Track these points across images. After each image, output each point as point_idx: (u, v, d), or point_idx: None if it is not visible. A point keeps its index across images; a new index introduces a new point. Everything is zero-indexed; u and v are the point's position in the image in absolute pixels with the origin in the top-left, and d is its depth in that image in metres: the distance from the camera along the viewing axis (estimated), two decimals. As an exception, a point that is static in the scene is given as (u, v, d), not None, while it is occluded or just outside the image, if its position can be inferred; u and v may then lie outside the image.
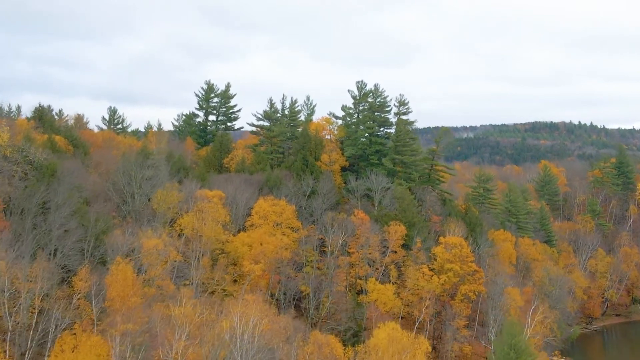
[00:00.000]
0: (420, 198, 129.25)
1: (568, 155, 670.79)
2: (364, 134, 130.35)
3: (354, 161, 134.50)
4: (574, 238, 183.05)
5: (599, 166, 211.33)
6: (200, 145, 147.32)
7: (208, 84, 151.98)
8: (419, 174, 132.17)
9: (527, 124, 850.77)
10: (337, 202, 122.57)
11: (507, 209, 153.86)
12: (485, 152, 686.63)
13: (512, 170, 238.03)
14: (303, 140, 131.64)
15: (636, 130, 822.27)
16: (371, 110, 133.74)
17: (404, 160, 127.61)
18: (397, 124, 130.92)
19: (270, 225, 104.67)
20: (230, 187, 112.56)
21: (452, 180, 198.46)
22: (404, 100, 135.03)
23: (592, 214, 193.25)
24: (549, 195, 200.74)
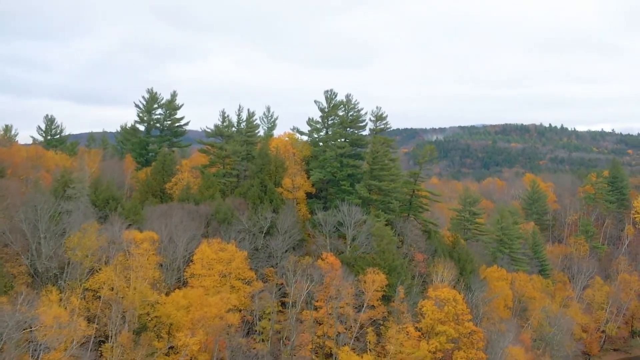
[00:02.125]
0: (401, 232, 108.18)
1: (540, 158, 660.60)
2: (333, 154, 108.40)
3: (322, 186, 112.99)
4: (567, 264, 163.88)
5: (591, 181, 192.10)
6: (140, 166, 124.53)
7: (150, 93, 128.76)
8: (399, 203, 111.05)
9: (497, 126, 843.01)
10: (302, 239, 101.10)
11: (499, 238, 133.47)
12: (455, 155, 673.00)
13: (495, 184, 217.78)
14: (261, 161, 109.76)
15: (606, 133, 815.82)
16: (342, 126, 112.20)
17: (381, 187, 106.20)
18: (373, 142, 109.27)
19: (216, 277, 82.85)
20: (170, 222, 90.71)
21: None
22: (381, 114, 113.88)
23: (585, 235, 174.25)
24: (537, 213, 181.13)
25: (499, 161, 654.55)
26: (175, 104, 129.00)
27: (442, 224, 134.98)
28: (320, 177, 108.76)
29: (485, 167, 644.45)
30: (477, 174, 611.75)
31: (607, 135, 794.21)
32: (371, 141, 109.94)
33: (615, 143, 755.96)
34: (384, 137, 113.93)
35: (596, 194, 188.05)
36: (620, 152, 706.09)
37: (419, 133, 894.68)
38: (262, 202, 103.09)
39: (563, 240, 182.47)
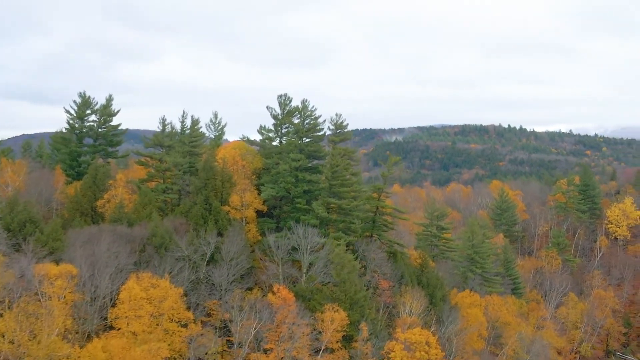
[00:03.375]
0: (363, 256, 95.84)
1: (499, 160, 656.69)
2: (287, 167, 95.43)
3: (274, 204, 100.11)
4: (539, 280, 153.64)
5: (562, 190, 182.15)
6: (71, 179, 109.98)
7: (82, 97, 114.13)
8: (361, 222, 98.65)
9: (456, 126, 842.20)
10: (252, 267, 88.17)
11: (470, 256, 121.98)
12: (415, 156, 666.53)
13: (460, 192, 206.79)
14: (205, 175, 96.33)
15: (565, 134, 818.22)
16: (297, 135, 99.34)
17: (342, 206, 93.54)
18: (332, 154, 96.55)
19: (146, 319, 69.56)
20: (97, 249, 77.22)
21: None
22: (341, 122, 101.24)
23: (557, 247, 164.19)
24: (506, 224, 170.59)
25: (459, 162, 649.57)
26: (110, 110, 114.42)
27: (408, 241, 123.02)
28: (272, 193, 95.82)
29: (445, 169, 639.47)
30: (437, 176, 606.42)
31: (566, 136, 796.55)
32: (330, 153, 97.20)
33: (574, 144, 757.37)
34: (344, 147, 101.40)
35: (567, 203, 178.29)
36: (579, 153, 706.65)
37: (378, 134, 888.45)
38: (205, 222, 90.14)
39: (533, 252, 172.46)
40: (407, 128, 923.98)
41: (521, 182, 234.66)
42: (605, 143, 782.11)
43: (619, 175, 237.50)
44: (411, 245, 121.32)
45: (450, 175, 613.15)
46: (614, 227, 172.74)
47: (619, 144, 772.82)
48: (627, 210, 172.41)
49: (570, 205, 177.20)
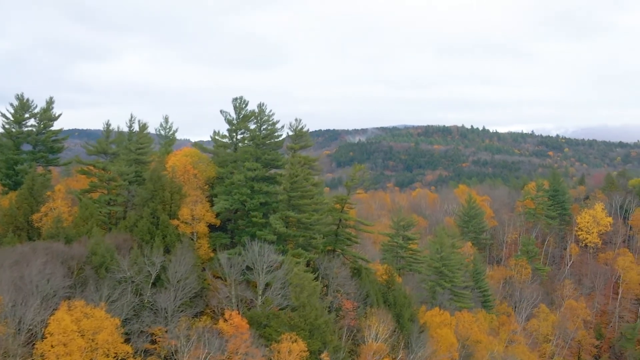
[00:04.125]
0: (325, 274, 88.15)
1: (463, 161, 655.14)
2: (242, 177, 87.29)
3: (229, 217, 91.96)
4: (509, 291, 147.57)
5: (530, 195, 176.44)
6: (7, 189, 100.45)
7: (20, 99, 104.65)
8: (323, 237, 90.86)
9: (419, 127, 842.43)
10: (202, 288, 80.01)
11: (438, 270, 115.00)
12: (378, 157, 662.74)
13: (426, 196, 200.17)
14: (153, 186, 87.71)
15: (527, 135, 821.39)
16: (254, 142, 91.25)
17: (301, 220, 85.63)
18: (291, 163, 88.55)
19: (77, 355, 61.03)
20: (28, 272, 68.58)
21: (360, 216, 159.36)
22: (300, 128, 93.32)
23: (526, 255, 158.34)
24: (474, 232, 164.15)
25: (422, 163, 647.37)
26: (51, 114, 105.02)
27: (373, 254, 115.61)
28: (226, 206, 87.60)
29: (409, 170, 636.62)
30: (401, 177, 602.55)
31: (528, 137, 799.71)
32: (289, 161, 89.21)
33: (536, 145, 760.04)
34: (304, 155, 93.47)
35: (536, 209, 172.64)
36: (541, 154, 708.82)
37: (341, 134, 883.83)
38: (152, 238, 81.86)
39: (502, 261, 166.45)
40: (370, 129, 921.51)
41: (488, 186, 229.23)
42: (567, 144, 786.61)
43: (587, 179, 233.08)
44: (376, 259, 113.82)
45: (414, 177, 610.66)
46: (584, 233, 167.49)
47: (581, 145, 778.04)
48: (597, 216, 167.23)
49: (540, 212, 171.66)
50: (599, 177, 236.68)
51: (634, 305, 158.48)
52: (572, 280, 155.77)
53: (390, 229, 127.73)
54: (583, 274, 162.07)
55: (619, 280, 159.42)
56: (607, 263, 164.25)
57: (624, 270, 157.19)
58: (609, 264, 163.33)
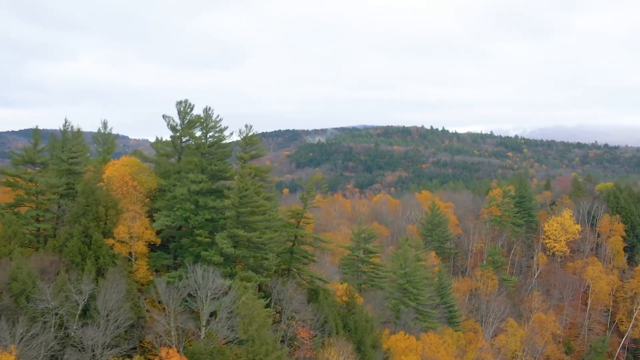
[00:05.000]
0: (278, 299, 79.12)
1: (423, 162, 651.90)
2: (186, 191, 77.91)
3: (171, 234, 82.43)
4: (476, 304, 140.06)
5: (496, 201, 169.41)
6: None
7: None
8: (276, 256, 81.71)
9: (379, 128, 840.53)
10: (139, 318, 70.52)
11: (402, 287, 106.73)
12: (338, 158, 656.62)
13: (387, 202, 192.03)
14: (85, 201, 77.83)
15: (487, 135, 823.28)
16: (199, 151, 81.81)
17: (252, 239, 76.36)
18: (240, 175, 79.20)
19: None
20: None
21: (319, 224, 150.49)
22: (251, 136, 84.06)
23: (493, 266, 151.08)
24: (438, 241, 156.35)
25: (382, 164, 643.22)
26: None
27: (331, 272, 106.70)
28: (167, 223, 78.07)
29: (369, 171, 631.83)
30: (360, 178, 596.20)
31: (487, 138, 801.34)
32: (238, 173, 79.89)
33: (495, 145, 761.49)
34: (256, 166, 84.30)
35: (502, 216, 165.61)
36: (501, 155, 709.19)
37: (300, 135, 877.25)
38: (83, 259, 72.28)
39: (467, 271, 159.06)
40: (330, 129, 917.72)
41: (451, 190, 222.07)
42: (526, 144, 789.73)
43: (553, 183, 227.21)
44: (336, 277, 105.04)
45: (374, 178, 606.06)
46: (552, 242, 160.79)
47: (539, 146, 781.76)
48: (565, 223, 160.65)
49: (506, 219, 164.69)
50: (565, 181, 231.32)
51: (603, 316, 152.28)
52: (540, 292, 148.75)
53: (350, 241, 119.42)
54: (551, 284, 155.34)
55: (588, 290, 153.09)
56: (575, 272, 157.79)
57: (593, 281, 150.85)
58: (578, 274, 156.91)
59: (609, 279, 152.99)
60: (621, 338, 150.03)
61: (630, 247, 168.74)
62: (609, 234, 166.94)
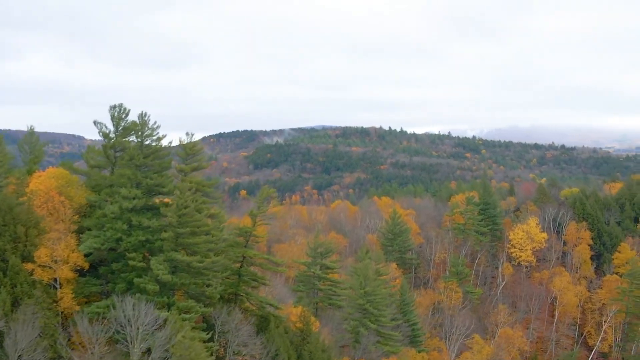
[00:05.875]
0: (222, 330, 69.85)
1: (381, 163, 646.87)
2: (117, 208, 68.32)
3: (101, 257, 72.61)
4: (439, 319, 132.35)
5: (459, 208, 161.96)
6: None
7: None
8: (221, 284, 72.35)
9: (338, 128, 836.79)
10: (59, 358, 60.75)
11: (362, 307, 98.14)
12: (296, 159, 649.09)
13: (346, 209, 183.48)
14: (2, 220, 67.76)
15: (445, 136, 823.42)
16: (133, 163, 72.12)
17: (192, 265, 66.93)
18: (179, 190, 69.80)
19: None
20: None
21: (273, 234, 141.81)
22: (193, 145, 74.76)
23: (456, 277, 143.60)
24: (399, 251, 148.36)
25: (340, 166, 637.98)
26: None
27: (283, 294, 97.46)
28: (96, 244, 68.29)
29: (327, 172, 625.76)
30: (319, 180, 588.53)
31: (446, 139, 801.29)
32: (177, 188, 70.44)
33: (454, 146, 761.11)
34: (199, 180, 74.93)
35: (466, 224, 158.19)
36: (459, 156, 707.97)
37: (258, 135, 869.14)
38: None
39: (429, 282, 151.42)
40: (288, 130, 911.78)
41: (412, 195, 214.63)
42: (484, 145, 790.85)
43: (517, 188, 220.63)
44: (289, 300, 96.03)
45: (332, 179, 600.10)
46: (518, 251, 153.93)
47: (497, 147, 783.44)
48: (531, 232, 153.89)
49: (469, 227, 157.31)
50: (529, 186, 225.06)
51: (571, 329, 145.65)
52: (506, 305, 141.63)
53: (306, 256, 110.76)
54: (517, 296, 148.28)
55: (555, 302, 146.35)
56: (542, 283, 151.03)
57: (561, 292, 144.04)
58: (544, 285, 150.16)
59: (576, 290, 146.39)
60: (590, 352, 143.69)
61: (597, 256, 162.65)
62: (575, 242, 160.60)
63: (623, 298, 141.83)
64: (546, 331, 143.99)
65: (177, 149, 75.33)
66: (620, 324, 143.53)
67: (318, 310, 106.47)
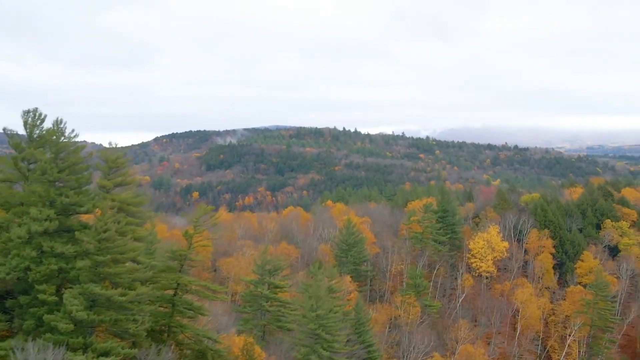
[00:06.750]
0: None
1: (335, 164, 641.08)
2: (25, 232, 58.15)
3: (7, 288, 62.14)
4: (396, 337, 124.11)
5: (416, 216, 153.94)
6: None
7: None
8: (150, 318, 62.43)
9: (292, 129, 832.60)
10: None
11: (314, 332, 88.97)
12: (249, 160, 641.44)
13: (298, 217, 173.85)
14: None
15: (398, 137, 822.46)
16: (46, 178, 61.80)
17: (112, 298, 57.00)
18: (101, 209, 59.85)
19: None
20: None
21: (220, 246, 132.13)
22: (115, 158, 64.71)
23: (414, 290, 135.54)
24: (354, 263, 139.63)
25: (294, 167, 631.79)
26: None
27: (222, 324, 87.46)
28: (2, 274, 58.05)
29: (280, 173, 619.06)
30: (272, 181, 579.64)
31: (399, 139, 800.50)
32: (97, 208, 60.41)
33: (407, 147, 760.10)
34: (123, 197, 64.76)
35: (424, 232, 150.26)
36: (413, 157, 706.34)
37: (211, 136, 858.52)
38: None
39: (386, 295, 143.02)
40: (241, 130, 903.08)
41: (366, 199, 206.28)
42: (438, 146, 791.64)
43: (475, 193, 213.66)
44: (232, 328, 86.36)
45: (286, 180, 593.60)
46: (478, 261, 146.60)
47: (451, 147, 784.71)
48: (492, 240, 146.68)
49: (427, 236, 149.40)
50: (488, 191, 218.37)
51: (534, 344, 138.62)
52: (466, 320, 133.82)
53: (252, 273, 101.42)
54: (478, 308, 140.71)
55: (517, 315, 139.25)
56: (503, 295, 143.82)
57: (523, 305, 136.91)
58: (505, 296, 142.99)
59: (539, 302, 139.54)
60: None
61: (560, 265, 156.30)
62: (537, 251, 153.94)
63: (588, 310, 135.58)
64: (508, 346, 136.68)
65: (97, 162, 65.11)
66: (585, 338, 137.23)
67: (265, 334, 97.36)
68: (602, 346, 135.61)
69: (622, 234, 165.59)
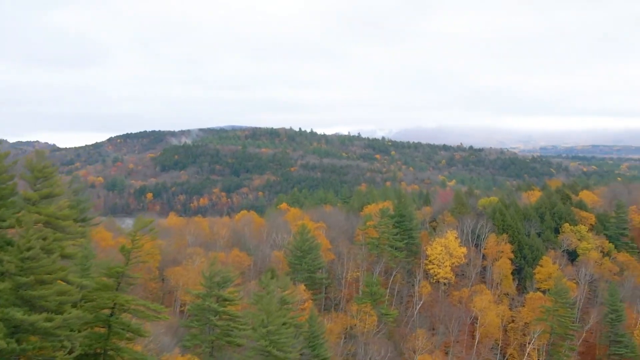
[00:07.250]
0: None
1: (291, 165, 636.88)
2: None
3: None
4: (352, 348, 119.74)
5: (372, 220, 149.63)
6: None
7: None
8: (82, 344, 56.62)
9: (247, 129, 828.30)
10: None
11: (264, 349, 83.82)
12: (204, 160, 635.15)
13: (251, 223, 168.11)
14: None
15: (355, 137, 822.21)
16: (-36, 190, 55.72)
17: (36, 325, 51.19)
18: (24, 223, 54.01)
19: None
20: None
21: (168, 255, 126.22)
22: (42, 167, 58.80)
23: (370, 299, 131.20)
24: (309, 271, 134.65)
25: (250, 167, 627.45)
26: None
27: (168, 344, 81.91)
28: None
29: (236, 174, 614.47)
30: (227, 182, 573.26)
31: (355, 140, 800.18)
32: (20, 222, 54.53)
33: (363, 148, 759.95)
34: (50, 210, 58.83)
35: (380, 238, 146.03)
36: (369, 158, 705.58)
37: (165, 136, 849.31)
38: None
39: (341, 304, 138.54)
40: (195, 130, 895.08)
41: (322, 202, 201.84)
42: (394, 147, 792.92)
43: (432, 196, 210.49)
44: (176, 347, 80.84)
45: (241, 181, 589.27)
46: (436, 267, 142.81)
47: (406, 148, 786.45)
48: (450, 246, 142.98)
49: (384, 242, 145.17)
50: (445, 195, 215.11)
51: (493, 353, 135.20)
52: (424, 329, 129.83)
53: (200, 286, 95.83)
54: (435, 316, 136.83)
55: (475, 322, 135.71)
56: (461, 302, 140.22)
57: (482, 312, 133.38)
58: (464, 303, 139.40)
59: (498, 309, 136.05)
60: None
61: (518, 270, 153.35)
62: (496, 256, 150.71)
63: (547, 318, 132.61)
64: (467, 355, 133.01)
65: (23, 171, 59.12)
66: (545, 345, 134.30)
67: (214, 350, 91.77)
68: (561, 354, 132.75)
69: (581, 238, 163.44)
